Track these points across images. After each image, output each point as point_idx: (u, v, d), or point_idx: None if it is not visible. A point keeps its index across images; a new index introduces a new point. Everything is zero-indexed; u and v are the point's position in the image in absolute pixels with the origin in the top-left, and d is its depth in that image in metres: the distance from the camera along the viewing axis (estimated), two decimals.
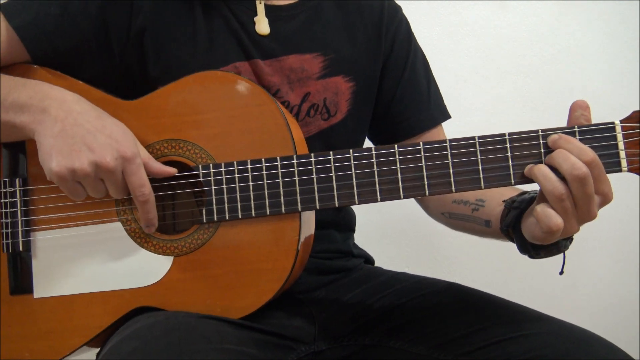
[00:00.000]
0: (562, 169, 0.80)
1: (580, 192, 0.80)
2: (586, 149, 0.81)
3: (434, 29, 1.71)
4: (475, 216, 1.02)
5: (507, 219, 0.91)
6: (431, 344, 0.96)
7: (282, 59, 1.04)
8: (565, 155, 0.80)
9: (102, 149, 0.85)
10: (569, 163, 0.79)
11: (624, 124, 0.83)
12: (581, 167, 0.79)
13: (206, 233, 0.92)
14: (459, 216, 1.07)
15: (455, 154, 0.86)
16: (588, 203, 0.80)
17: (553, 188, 0.80)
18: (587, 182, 0.79)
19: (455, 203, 1.08)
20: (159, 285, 0.93)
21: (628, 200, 1.80)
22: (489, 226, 0.98)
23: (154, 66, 0.99)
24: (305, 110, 1.06)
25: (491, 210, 0.98)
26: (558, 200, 0.80)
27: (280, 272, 0.91)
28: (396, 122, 1.17)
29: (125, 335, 0.83)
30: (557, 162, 0.81)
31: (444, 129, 1.20)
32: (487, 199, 1.01)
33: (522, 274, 1.80)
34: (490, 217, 0.98)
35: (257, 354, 0.86)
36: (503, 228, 0.92)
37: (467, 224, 1.06)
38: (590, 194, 0.80)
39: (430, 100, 1.18)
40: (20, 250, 0.95)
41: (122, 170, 0.87)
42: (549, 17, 1.75)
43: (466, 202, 1.05)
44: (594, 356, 0.86)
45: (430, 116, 1.17)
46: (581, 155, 0.80)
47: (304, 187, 0.89)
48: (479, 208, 1.02)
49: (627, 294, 1.85)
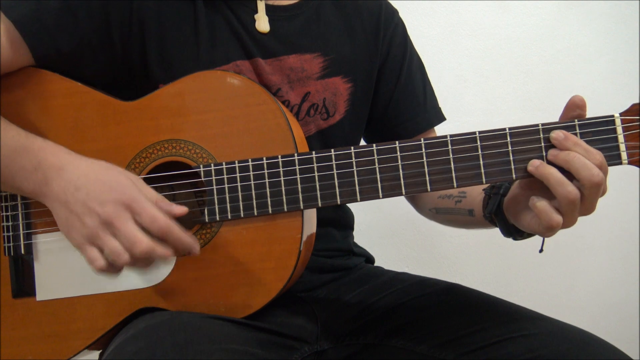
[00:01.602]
0: (581, 176, 0.81)
1: (593, 195, 0.81)
2: (594, 151, 0.82)
3: (434, 29, 1.71)
4: (459, 208, 1.04)
5: (489, 206, 0.93)
6: (433, 344, 0.96)
7: (282, 59, 1.05)
8: (583, 161, 0.81)
9: (102, 206, 0.83)
10: (587, 170, 0.80)
11: (623, 117, 0.84)
12: (598, 173, 0.80)
13: (208, 233, 0.92)
14: (445, 210, 1.08)
15: (456, 149, 0.86)
16: (594, 201, 0.82)
17: (568, 193, 0.81)
18: (602, 186, 0.81)
19: (440, 198, 1.10)
20: (161, 286, 0.93)
21: (628, 201, 1.81)
22: (473, 215, 1.00)
23: (155, 64, 0.99)
24: (305, 109, 1.06)
25: (473, 199, 1.00)
26: (572, 203, 0.81)
27: (283, 271, 0.91)
28: (393, 125, 1.17)
29: (130, 335, 0.83)
30: (574, 169, 0.81)
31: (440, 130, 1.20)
32: (467, 190, 1.03)
33: (522, 274, 1.80)
34: (472, 205, 1.00)
35: (262, 353, 0.86)
36: (486, 215, 0.94)
37: (452, 217, 1.07)
38: (599, 194, 0.82)
39: (426, 103, 1.19)
40: (22, 254, 0.95)
41: (130, 216, 0.83)
42: (549, 17, 1.76)
43: (450, 195, 1.07)
44: (593, 356, 0.86)
45: (426, 119, 1.18)
46: (590, 158, 0.81)
47: (306, 185, 0.90)
48: (461, 200, 1.04)
49: (627, 294, 1.85)
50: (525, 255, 1.73)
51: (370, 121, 1.18)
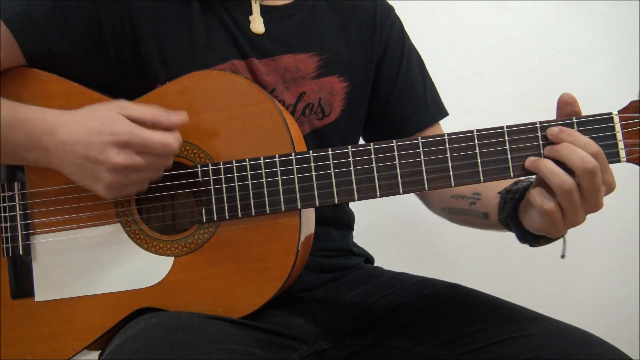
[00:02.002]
0: (572, 163, 0.80)
1: (589, 184, 0.80)
2: (590, 141, 0.81)
3: (434, 29, 1.71)
4: (473, 210, 1.03)
5: (504, 211, 0.92)
6: (432, 344, 0.96)
7: (277, 58, 1.05)
8: (574, 149, 0.81)
9: (101, 150, 0.85)
10: (579, 157, 0.80)
11: (622, 115, 0.84)
12: (591, 160, 0.79)
13: (206, 233, 0.92)
14: (459, 211, 1.07)
15: (453, 147, 0.86)
16: (596, 194, 0.81)
17: (562, 182, 0.80)
18: (597, 174, 0.80)
19: (453, 198, 1.08)
20: (160, 286, 0.93)
21: (628, 200, 1.80)
22: (488, 218, 0.99)
23: (151, 64, 0.99)
24: (300, 109, 1.06)
25: (487, 203, 0.99)
26: (567, 193, 0.80)
27: (282, 270, 0.91)
28: (394, 123, 1.17)
29: (128, 336, 0.83)
30: (564, 156, 0.81)
31: (443, 126, 1.20)
32: (482, 192, 1.01)
33: (522, 274, 1.80)
34: (487, 209, 0.99)
35: (261, 354, 0.86)
36: (501, 220, 0.93)
37: (467, 218, 1.06)
38: (599, 185, 0.80)
39: (427, 99, 1.18)
40: (21, 254, 0.95)
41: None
42: (549, 17, 1.75)
43: (463, 196, 1.06)
44: (593, 356, 0.86)
45: (428, 115, 1.17)
46: (586, 147, 0.80)
47: (303, 185, 0.90)
48: (475, 202, 1.02)
49: (627, 294, 1.85)
50: (525, 255, 1.73)
51: (371, 120, 1.18)
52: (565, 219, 0.82)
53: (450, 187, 0.88)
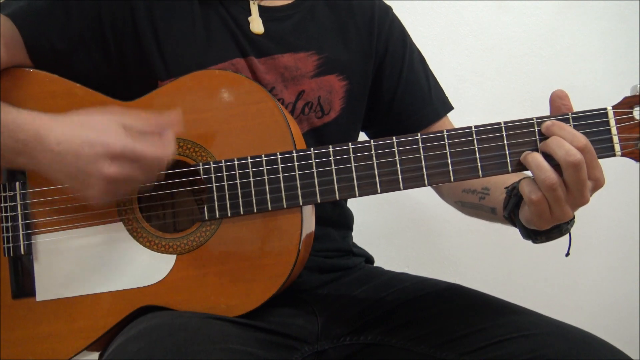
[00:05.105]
0: (557, 156, 0.81)
1: (573, 178, 0.81)
2: (579, 135, 0.82)
3: (434, 29, 1.71)
4: (482, 204, 1.04)
5: (508, 206, 0.92)
6: (433, 343, 0.96)
7: (276, 57, 1.05)
8: (560, 142, 0.82)
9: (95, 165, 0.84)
10: (563, 150, 0.81)
11: (616, 110, 0.85)
12: (575, 153, 0.80)
13: (208, 230, 0.93)
14: (470, 204, 1.08)
15: (452, 143, 0.87)
16: (581, 188, 0.82)
17: (545, 177, 0.81)
18: (581, 168, 0.80)
19: (465, 192, 1.09)
20: (162, 284, 0.93)
21: (628, 200, 1.80)
22: (495, 213, 1.00)
23: (151, 61, 1.00)
24: (300, 107, 1.06)
25: (495, 198, 1.00)
26: (550, 189, 0.81)
27: (283, 268, 0.91)
28: (400, 120, 1.17)
29: (130, 335, 0.83)
30: (551, 149, 0.82)
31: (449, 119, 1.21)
32: (491, 187, 1.02)
33: (522, 274, 1.80)
34: (495, 204, 0.99)
35: (262, 354, 0.86)
36: (505, 215, 0.93)
37: (478, 212, 1.07)
38: (584, 180, 0.81)
39: (431, 94, 1.19)
40: (22, 254, 0.95)
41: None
42: (548, 17, 1.75)
43: (474, 190, 1.07)
44: (593, 356, 0.86)
45: (433, 110, 1.18)
46: (574, 141, 0.81)
47: (305, 182, 0.90)
48: (484, 196, 1.03)
49: (627, 294, 1.85)
50: (525, 255, 1.73)
51: (376, 119, 1.18)
52: (552, 212, 0.83)
53: (450, 182, 0.88)
